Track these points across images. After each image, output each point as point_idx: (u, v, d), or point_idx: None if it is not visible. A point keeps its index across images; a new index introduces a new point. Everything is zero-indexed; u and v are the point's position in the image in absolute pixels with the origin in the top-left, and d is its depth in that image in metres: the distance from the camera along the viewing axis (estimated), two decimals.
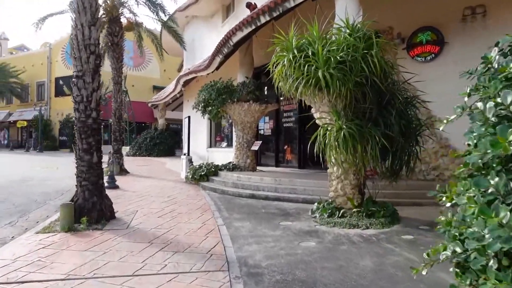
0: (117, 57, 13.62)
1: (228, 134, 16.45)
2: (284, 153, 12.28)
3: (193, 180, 10.48)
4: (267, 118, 12.86)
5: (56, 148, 34.26)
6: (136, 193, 8.77)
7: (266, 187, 8.20)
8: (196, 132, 19.11)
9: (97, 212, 5.64)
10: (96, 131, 5.87)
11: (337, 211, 5.81)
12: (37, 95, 37.76)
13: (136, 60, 35.89)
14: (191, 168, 10.97)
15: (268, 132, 12.94)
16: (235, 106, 10.39)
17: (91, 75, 5.80)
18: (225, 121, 16.84)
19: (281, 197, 7.62)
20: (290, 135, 12.30)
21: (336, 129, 5.17)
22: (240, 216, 6.24)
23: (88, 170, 5.75)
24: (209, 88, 10.35)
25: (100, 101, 6.00)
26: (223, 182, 9.36)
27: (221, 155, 16.06)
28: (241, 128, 10.69)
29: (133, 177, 12.36)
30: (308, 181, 8.00)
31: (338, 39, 5.34)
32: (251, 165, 10.68)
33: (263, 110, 10.59)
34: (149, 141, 25.15)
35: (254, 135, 10.88)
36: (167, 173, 13.80)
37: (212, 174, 10.42)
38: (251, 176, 8.97)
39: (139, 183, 10.72)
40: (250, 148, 10.63)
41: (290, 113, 11.94)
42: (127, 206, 7.13)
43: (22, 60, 39.28)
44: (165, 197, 8.24)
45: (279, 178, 8.49)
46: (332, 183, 6.16)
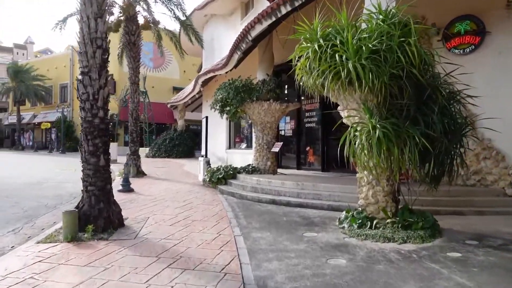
0: (134, 57, 13.31)
1: (248, 135, 15.93)
2: (306, 155, 11.64)
3: (210, 183, 9.98)
4: (288, 118, 12.26)
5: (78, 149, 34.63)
6: (151, 197, 8.33)
7: (287, 192, 7.60)
8: (214, 133, 18.65)
9: (104, 220, 5.18)
10: (103, 132, 5.42)
11: (368, 221, 5.15)
12: (60, 97, 38.36)
13: (156, 61, 35.93)
14: (209, 170, 10.48)
15: (289, 133, 12.32)
16: (254, 105, 9.83)
17: (97, 71, 5.36)
18: (244, 121, 16.34)
19: (304, 203, 7.00)
20: (312, 136, 11.65)
21: (369, 129, 4.53)
22: (259, 225, 5.66)
23: (94, 174, 5.30)
24: (226, 87, 9.83)
25: (108, 99, 5.55)
26: (241, 186, 8.81)
27: (240, 156, 15.56)
28: (260, 129, 10.13)
29: (149, 180, 11.99)
30: (334, 186, 7.35)
31: (369, 26, 4.70)
32: (271, 168, 10.10)
33: (284, 110, 9.99)
34: (168, 142, 24.93)
35: (274, 136, 10.29)
36: (185, 176, 13.38)
37: (230, 177, 9.90)
38: (272, 180, 8.39)
39: (155, 186, 10.31)
40: (270, 150, 10.05)
41: (313, 112, 11.29)
42: (138, 212, 6.67)
43: (46, 63, 40.02)
44: (180, 201, 7.75)
45: (302, 182, 7.87)
46: (362, 190, 5.50)
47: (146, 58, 35.22)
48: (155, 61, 35.91)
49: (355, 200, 6.59)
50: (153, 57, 35.78)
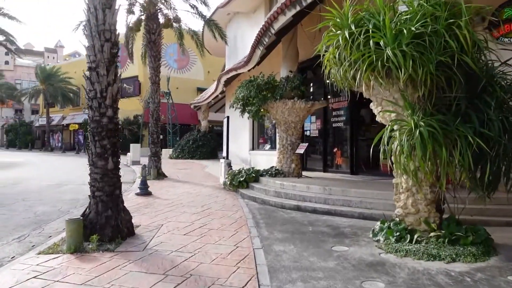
0: (154, 56, 12.99)
1: (272, 135, 15.36)
2: (334, 157, 10.94)
3: (231, 186, 9.46)
4: (314, 117, 11.60)
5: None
6: (168, 201, 7.90)
7: (313, 197, 6.97)
8: (237, 134, 18.20)
9: (112, 228, 4.73)
10: (112, 132, 4.98)
11: (407, 234, 4.47)
12: None
13: (180, 62, 35.93)
14: (230, 173, 9.97)
15: (315, 133, 11.65)
16: (277, 104, 9.25)
17: (105, 66, 4.92)
18: (268, 121, 15.78)
19: (332, 210, 6.35)
20: (340, 136, 10.95)
21: (410, 128, 3.86)
22: (282, 235, 5.08)
23: (102, 178, 4.87)
24: (248, 84, 9.29)
25: (118, 97, 5.11)
26: (264, 190, 8.24)
27: (264, 158, 15.00)
28: (284, 129, 9.53)
29: (169, 182, 11.61)
30: (365, 191, 6.66)
31: (411, 8, 4.03)
32: (296, 170, 9.48)
33: (309, 108, 9.35)
34: (191, 143, 24.67)
35: (299, 137, 9.67)
36: (206, 178, 12.94)
37: (252, 180, 9.34)
38: (296, 184, 7.77)
39: (174, 189, 9.89)
40: (294, 151, 9.43)
41: (340, 111, 10.59)
42: (153, 218, 6.22)
43: (73, 66, 40.85)
44: (198, 207, 7.27)
45: (329, 186, 7.22)
46: (399, 197, 4.82)
47: (170, 59, 35.34)
48: (179, 62, 35.92)
49: (390, 208, 5.91)
50: (177, 58, 35.81)
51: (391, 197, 6.13)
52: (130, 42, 14.06)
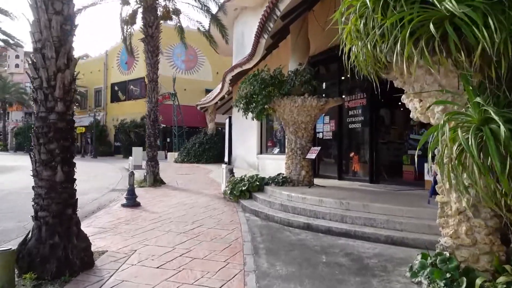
0: (151, 51, 11.89)
1: (281, 138, 14.11)
2: (350, 162, 9.62)
3: (231, 196, 8.23)
4: (327, 117, 10.30)
5: (111, 153, 34.21)
6: (155, 215, 6.70)
7: (328, 213, 5.67)
8: (245, 136, 17.02)
9: (57, 261, 3.54)
10: (63, 133, 3.80)
11: (463, 277, 3.16)
12: (95, 101, 38.36)
13: (188, 63, 34.95)
14: (231, 181, 8.75)
15: (329, 136, 10.35)
16: (285, 101, 8.00)
17: (54, 46, 3.76)
18: (277, 123, 14.54)
19: (351, 231, 5.06)
20: (357, 138, 9.64)
21: (475, 124, 2.57)
22: (286, 270, 3.81)
23: (48, 194, 3.69)
24: (251, 79, 8.07)
25: (72, 87, 3.93)
26: (268, 203, 6.98)
27: (273, 163, 13.76)
28: (293, 131, 8.26)
29: (165, 190, 10.43)
30: (392, 207, 5.34)
31: None
32: (306, 178, 8.19)
33: (322, 106, 8.07)
34: (198, 146, 23.53)
35: (310, 140, 8.39)
36: (208, 185, 11.73)
37: (256, 189, 8.10)
38: (306, 196, 6.48)
39: (168, 199, 8.70)
40: (305, 157, 8.15)
41: (358, 110, 9.27)
42: (128, 239, 5.02)
43: (81, 68, 40.05)
44: (188, 223, 6.05)
45: (347, 200, 5.92)
46: (446, 221, 3.51)
47: (178, 60, 34.40)
48: (187, 63, 34.94)
49: (427, 231, 4.61)
50: (185, 59, 34.84)
51: (427, 215, 4.83)
52: (128, 37, 12.98)
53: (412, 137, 9.73)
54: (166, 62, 33.45)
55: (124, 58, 34.42)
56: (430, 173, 6.26)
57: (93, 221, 6.31)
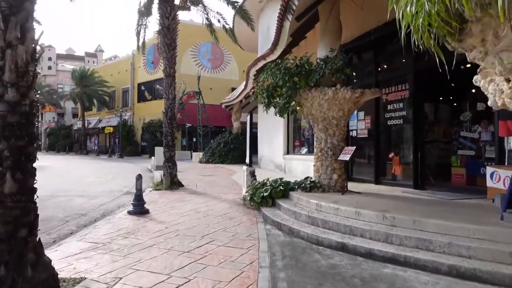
0: (168, 44, 11.04)
1: (309, 137, 12.96)
2: (389, 164, 8.34)
3: (252, 203, 7.19)
4: (361, 113, 9.06)
5: (138, 153, 34.05)
6: (160, 226, 5.76)
7: (367, 231, 4.51)
8: (271, 135, 15.95)
9: None
10: (14, 130, 2.86)
11: None
12: (122, 101, 38.43)
13: (214, 61, 34.28)
14: (251, 185, 7.71)
15: (363, 134, 9.09)
16: (313, 93, 6.86)
17: (1, 14, 2.83)
18: (305, 121, 13.38)
19: (401, 257, 3.87)
20: (399, 137, 8.37)
21: None
22: None
23: None
24: (273, 69, 6.98)
25: (29, 68, 2.99)
26: (293, 213, 5.87)
27: (300, 164, 12.63)
28: (323, 128, 7.11)
29: (182, 194, 9.52)
30: (453, 225, 4.10)
31: None
32: (338, 183, 7.02)
33: (357, 99, 6.87)
34: (223, 146, 22.69)
35: (343, 138, 7.21)
36: (229, 188, 10.75)
37: (280, 195, 7.02)
38: (340, 206, 5.32)
39: (181, 205, 7.76)
40: (337, 158, 6.98)
41: (399, 104, 7.99)
42: (116, 261, 4.07)
43: (110, 68, 40.56)
44: (196, 238, 5.05)
45: (391, 213, 4.72)
46: None
47: (204, 58, 33.80)
48: (213, 61, 34.27)
49: (508, 260, 3.38)
50: (211, 58, 34.20)
51: (504, 238, 3.59)
52: (142, 30, 12.20)
53: (463, 135, 8.34)
54: (192, 60, 32.95)
55: (150, 57, 34.20)
56: (507, 180, 4.96)
57: (88, 232, 5.43)
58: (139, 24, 12.15)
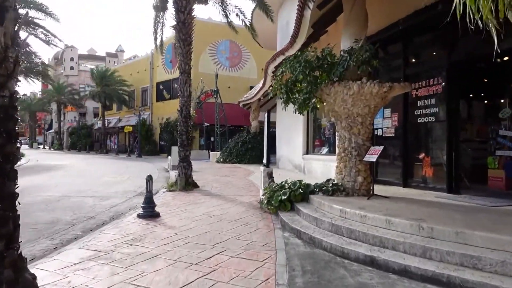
0: (184, 39, 10.64)
1: (330, 136, 12.37)
2: (418, 165, 7.68)
3: (269, 206, 6.69)
4: (388, 110, 8.42)
5: (157, 153, 34.00)
6: (170, 232, 5.32)
7: (401, 243, 3.92)
8: (290, 134, 15.41)
9: None
10: None
11: None
12: (141, 100, 38.54)
13: (232, 60, 33.89)
14: (269, 187, 7.20)
15: (390, 132, 8.44)
16: (336, 88, 6.29)
17: None
18: (325, 120, 12.78)
19: (443, 277, 3.29)
20: (430, 136, 7.71)
21: None
22: None
23: None
24: (292, 62, 6.44)
25: (8, 54, 2.57)
26: (314, 219, 5.33)
27: (320, 165, 12.06)
28: (346, 126, 6.53)
29: (196, 196, 9.09)
30: (505, 238, 3.48)
31: None
32: (363, 186, 6.42)
33: (384, 94, 6.25)
34: (240, 146, 22.25)
35: (368, 137, 6.61)
36: (245, 190, 10.27)
37: (299, 199, 6.48)
38: (367, 213, 4.74)
39: (194, 208, 7.32)
40: (362, 159, 6.39)
41: (430, 99, 7.32)
42: (115, 274, 3.63)
43: (130, 68, 40.77)
44: (207, 246, 4.58)
45: (427, 222, 4.12)
46: None
47: (222, 57, 33.46)
48: (232, 59, 33.89)
49: None
50: (230, 56, 33.83)
51: None
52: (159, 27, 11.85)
53: (501, 134, 7.60)
54: (210, 59, 32.66)
55: (169, 56, 34.10)
56: None
57: (92, 238, 5.04)
58: (156, 21, 11.81)
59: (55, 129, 50.70)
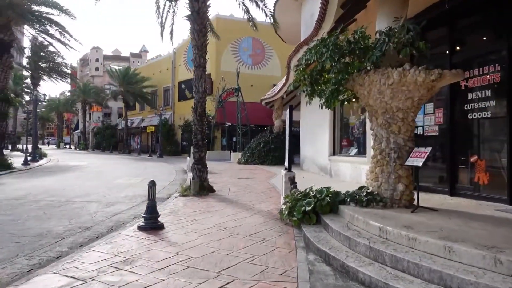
0: (198, 30, 9.77)
1: (359, 136, 11.22)
2: (470, 171, 6.47)
3: (291, 217, 5.68)
4: (430, 105, 7.25)
5: (178, 153, 33.52)
6: (170, 251, 4.40)
7: (472, 284, 2.83)
8: (315, 133, 14.35)
9: None
10: None
11: None
12: (163, 100, 38.22)
13: (255, 58, 32.94)
14: (291, 195, 6.19)
15: (432, 131, 7.26)
16: (371, 77, 5.20)
17: None
18: (354, 117, 11.64)
19: None
20: (483, 135, 6.47)
21: None
22: None
23: None
24: (319, 47, 5.39)
25: None
26: (347, 239, 4.28)
27: (349, 167, 10.95)
28: (383, 123, 5.42)
29: (210, 202, 8.18)
30: None
31: None
32: (405, 197, 5.31)
33: (432, 84, 5.11)
34: (262, 146, 21.24)
35: (411, 136, 5.49)
36: (266, 195, 9.28)
37: (327, 210, 5.43)
38: (417, 236, 3.64)
39: (205, 218, 6.39)
40: (403, 162, 5.27)
41: (486, 91, 6.10)
42: None
43: (152, 68, 40.60)
44: (211, 273, 3.63)
45: (508, 255, 3.00)
46: None
47: (244, 54, 32.58)
48: (254, 57, 32.94)
49: None
50: (252, 53, 32.91)
51: None
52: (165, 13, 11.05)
53: None
54: (232, 57, 31.85)
55: (190, 55, 33.48)
56: None
57: (77, 258, 4.18)
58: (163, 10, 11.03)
59: (81, 129, 51.35)
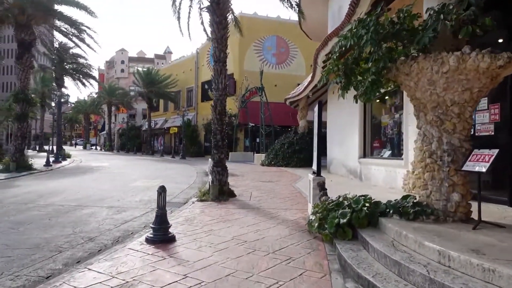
0: (218, 22, 9.08)
1: (393, 136, 10.24)
2: None
3: (321, 231, 4.84)
4: (483, 100, 6.22)
5: (201, 154, 33.06)
6: (176, 273, 3.67)
7: None
8: (344, 133, 13.43)
9: None
10: None
11: None
12: (187, 101, 37.97)
13: (279, 56, 32.10)
14: (321, 204, 5.34)
15: (486, 131, 6.24)
16: (420, 64, 4.30)
17: None
18: (387, 116, 10.65)
19: None
20: None
21: None
22: None
23: None
24: (357, 28, 4.53)
25: None
26: (394, 264, 3.41)
27: (382, 170, 9.98)
28: (434, 119, 4.51)
29: (229, 209, 7.44)
30: None
31: None
32: (461, 209, 4.37)
33: (497, 72, 4.16)
34: (287, 147, 20.36)
35: (468, 136, 4.55)
36: (291, 201, 8.46)
37: (365, 224, 4.57)
38: (492, 266, 2.75)
39: (222, 229, 5.64)
40: (459, 167, 4.34)
41: None
42: None
43: (175, 68, 40.46)
44: None
45: None
46: None
47: (268, 53, 31.82)
48: (278, 56, 32.11)
49: None
50: (276, 52, 32.08)
51: None
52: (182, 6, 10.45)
53: None
54: (256, 56, 31.14)
55: None
56: None
57: (68, 280, 3.52)
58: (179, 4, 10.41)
59: (107, 131, 51.96)
